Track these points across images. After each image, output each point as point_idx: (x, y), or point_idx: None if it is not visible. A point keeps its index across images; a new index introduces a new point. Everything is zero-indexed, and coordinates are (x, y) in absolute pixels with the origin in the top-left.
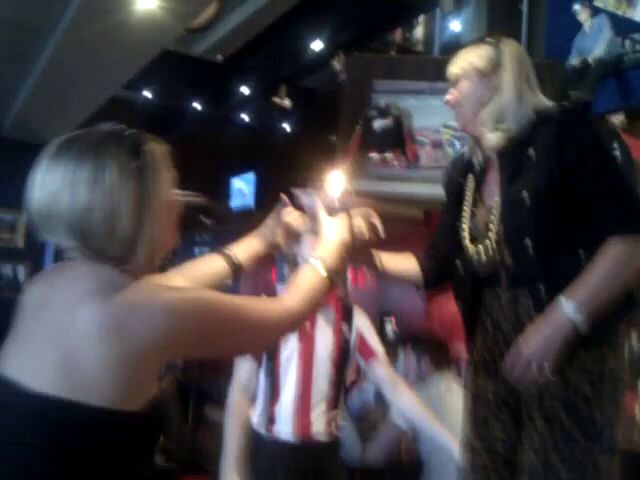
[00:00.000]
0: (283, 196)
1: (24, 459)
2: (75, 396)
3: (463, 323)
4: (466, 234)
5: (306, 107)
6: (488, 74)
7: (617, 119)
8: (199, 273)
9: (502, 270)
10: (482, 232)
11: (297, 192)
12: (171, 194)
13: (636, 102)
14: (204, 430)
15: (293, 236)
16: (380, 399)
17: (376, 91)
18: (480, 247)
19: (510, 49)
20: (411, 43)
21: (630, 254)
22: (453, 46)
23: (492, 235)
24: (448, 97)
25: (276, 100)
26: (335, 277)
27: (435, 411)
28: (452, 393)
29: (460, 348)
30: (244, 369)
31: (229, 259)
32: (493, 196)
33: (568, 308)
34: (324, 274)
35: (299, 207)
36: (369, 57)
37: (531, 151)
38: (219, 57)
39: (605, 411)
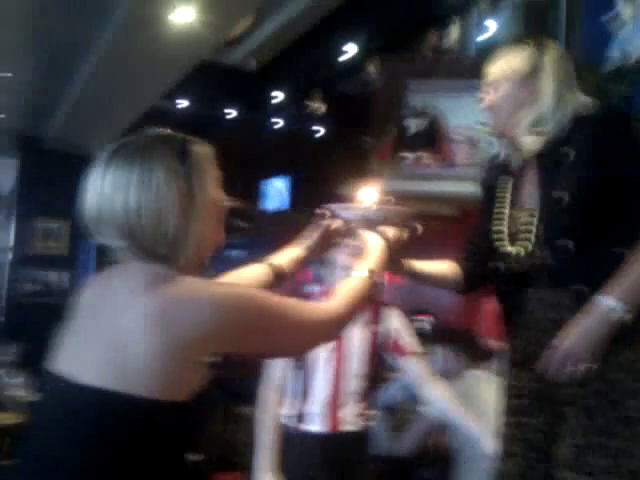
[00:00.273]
0: (324, 208)
1: (76, 450)
2: (123, 388)
3: (504, 322)
4: (505, 236)
5: (340, 111)
6: (528, 77)
7: None
8: (242, 278)
9: (544, 270)
10: (522, 234)
11: (334, 206)
12: (216, 194)
13: None
14: (236, 426)
15: (335, 245)
16: (411, 393)
17: (411, 91)
18: (521, 249)
19: (551, 52)
20: (446, 44)
21: None
22: (488, 46)
23: (532, 237)
24: (485, 99)
25: (310, 105)
26: (377, 288)
27: (468, 405)
28: (486, 388)
29: (494, 344)
30: (276, 367)
31: (271, 266)
32: (532, 197)
33: (607, 301)
34: (369, 283)
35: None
36: (404, 58)
37: (570, 151)
38: (253, 65)
39: None
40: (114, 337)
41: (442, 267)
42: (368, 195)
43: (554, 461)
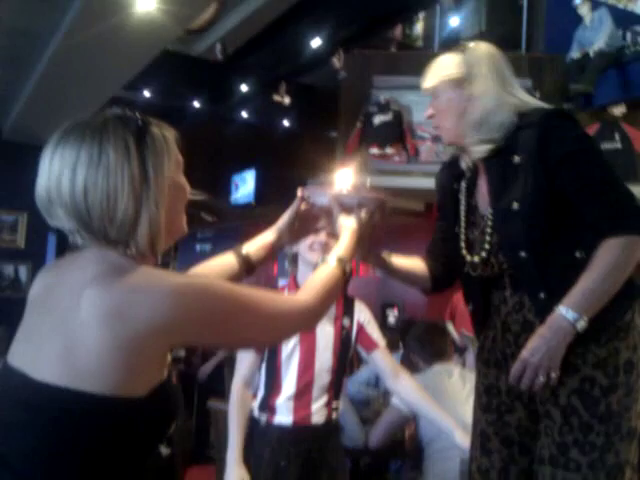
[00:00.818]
0: (300, 190)
1: (30, 449)
2: (76, 384)
3: (472, 321)
4: (463, 243)
5: (306, 104)
6: (462, 84)
7: (618, 110)
8: (208, 269)
9: (506, 275)
10: (477, 241)
11: (309, 189)
12: (177, 179)
13: (637, 93)
14: (207, 420)
15: (308, 229)
16: (380, 386)
17: (376, 87)
18: (476, 257)
19: (481, 54)
20: (411, 39)
21: (625, 255)
22: (453, 41)
23: (486, 245)
24: (429, 113)
25: (276, 97)
26: (350, 276)
27: (437, 397)
28: (454, 379)
29: (467, 335)
30: (246, 361)
31: (239, 255)
32: (486, 205)
33: (567, 313)
34: (340, 273)
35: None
36: (369, 53)
37: (516, 158)
38: (219, 56)
39: (622, 401)
40: (67, 331)
41: (413, 264)
42: (343, 179)
43: (535, 456)
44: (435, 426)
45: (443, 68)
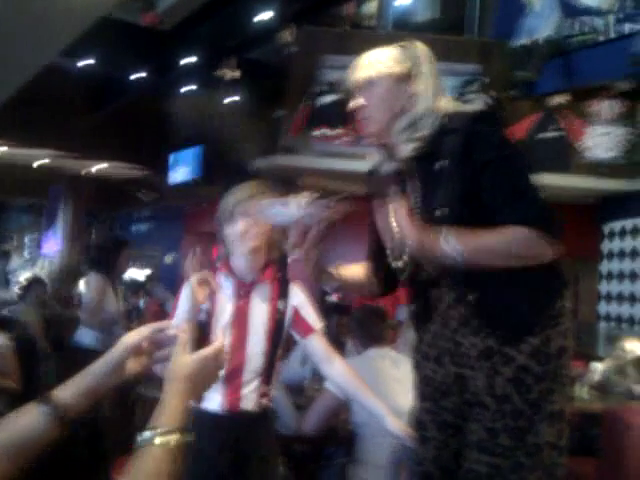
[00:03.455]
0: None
1: None
2: None
3: (413, 319)
4: (389, 250)
5: (254, 79)
6: (405, 80)
7: (557, 100)
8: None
9: (427, 279)
10: (402, 247)
11: (264, 209)
12: None
13: (581, 83)
14: (137, 409)
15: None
16: (314, 370)
17: (324, 67)
18: (399, 263)
19: (422, 52)
20: (362, 18)
21: (526, 239)
22: (404, 22)
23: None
24: (355, 104)
25: (223, 72)
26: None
27: (370, 382)
28: (388, 364)
29: (403, 312)
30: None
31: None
32: (414, 207)
33: (453, 241)
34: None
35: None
36: (320, 31)
37: (440, 163)
38: (163, 25)
39: (549, 385)
40: None
41: (359, 273)
42: (299, 196)
43: (466, 441)
44: (367, 412)
45: (383, 61)
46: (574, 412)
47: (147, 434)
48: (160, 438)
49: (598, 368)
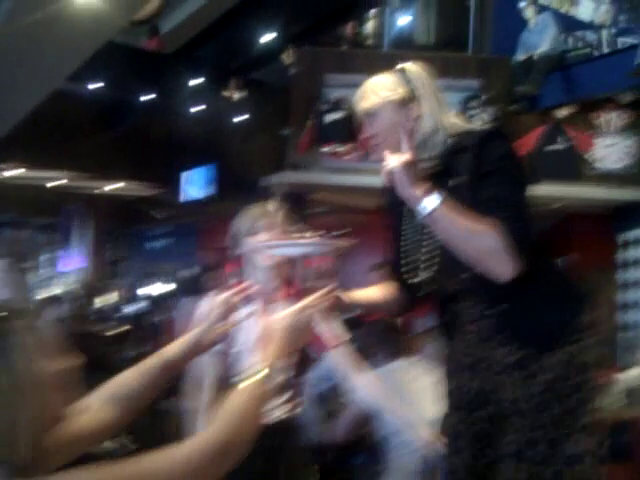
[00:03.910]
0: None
1: None
2: None
3: (442, 329)
4: (404, 267)
5: (260, 99)
6: (408, 104)
7: (563, 112)
8: (121, 386)
9: (452, 293)
10: (425, 262)
11: (274, 244)
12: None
13: (580, 96)
14: (164, 420)
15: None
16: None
17: (327, 85)
18: (416, 279)
19: (421, 74)
20: (362, 37)
21: (491, 241)
22: (404, 40)
23: (423, 266)
24: (369, 133)
25: (230, 92)
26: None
27: (396, 394)
28: (414, 374)
29: (424, 325)
30: (200, 359)
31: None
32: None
33: (438, 199)
34: (260, 390)
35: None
36: (320, 51)
37: (453, 181)
38: (168, 49)
39: (585, 394)
40: None
41: (373, 296)
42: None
43: (503, 451)
44: (394, 421)
45: (383, 88)
46: (604, 420)
47: (240, 376)
48: (251, 377)
49: (626, 376)
